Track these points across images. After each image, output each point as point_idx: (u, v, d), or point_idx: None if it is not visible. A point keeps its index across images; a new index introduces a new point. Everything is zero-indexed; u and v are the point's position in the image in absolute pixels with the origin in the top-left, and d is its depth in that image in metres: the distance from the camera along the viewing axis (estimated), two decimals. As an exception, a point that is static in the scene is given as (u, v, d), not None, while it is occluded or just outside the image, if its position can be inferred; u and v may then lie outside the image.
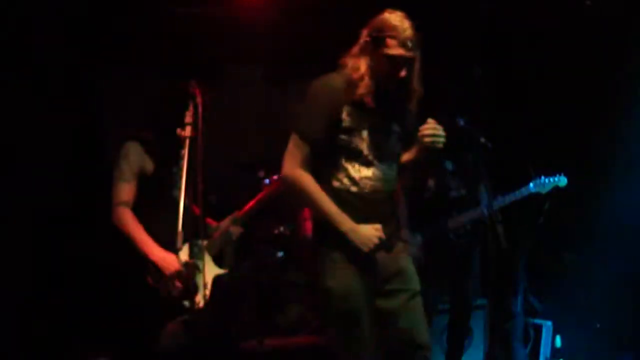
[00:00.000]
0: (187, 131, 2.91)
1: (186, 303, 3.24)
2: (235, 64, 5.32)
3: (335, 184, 2.83)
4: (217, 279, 3.52)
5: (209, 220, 3.71)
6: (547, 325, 4.76)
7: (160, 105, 3.42)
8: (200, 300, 3.32)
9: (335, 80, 2.84)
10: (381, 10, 2.83)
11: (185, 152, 2.87)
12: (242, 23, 4.87)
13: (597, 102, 4.79)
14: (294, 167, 2.81)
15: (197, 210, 2.94)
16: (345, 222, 2.77)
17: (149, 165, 3.39)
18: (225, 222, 3.71)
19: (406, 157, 2.99)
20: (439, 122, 2.80)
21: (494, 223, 3.23)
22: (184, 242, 2.87)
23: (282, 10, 4.84)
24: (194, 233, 2.98)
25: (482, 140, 3.82)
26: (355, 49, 2.85)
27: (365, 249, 2.76)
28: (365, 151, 2.82)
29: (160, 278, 3.27)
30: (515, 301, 4.72)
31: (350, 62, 2.84)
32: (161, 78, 4.03)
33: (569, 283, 4.83)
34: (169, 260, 3.25)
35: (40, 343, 4.27)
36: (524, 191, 4.34)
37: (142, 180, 3.38)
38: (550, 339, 4.73)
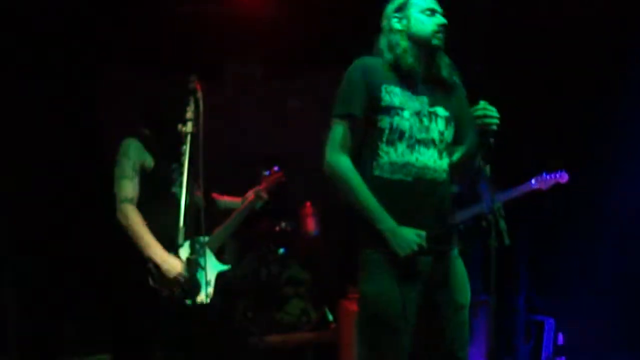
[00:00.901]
0: (188, 127, 2.89)
1: (188, 302, 3.22)
2: (236, 63, 5.32)
3: (377, 172, 2.64)
4: (220, 276, 3.50)
5: (233, 197, 3.75)
6: (550, 322, 4.74)
7: (160, 101, 3.41)
8: (203, 298, 3.30)
9: (371, 60, 2.75)
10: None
11: (186, 148, 2.85)
12: (243, 22, 4.87)
13: (600, 100, 4.78)
14: (333, 153, 2.67)
15: (199, 193, 2.92)
16: (384, 220, 2.58)
17: (149, 161, 3.37)
18: (250, 193, 3.72)
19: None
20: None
21: (497, 219, 3.21)
22: (185, 238, 2.86)
23: (282, 9, 4.84)
24: (195, 229, 2.95)
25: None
26: (383, 34, 2.78)
27: (402, 254, 2.55)
28: (408, 132, 2.65)
29: (162, 279, 3.25)
30: (518, 298, 4.72)
31: (384, 46, 2.75)
32: (161, 77, 4.02)
33: (572, 280, 4.82)
34: (171, 264, 3.22)
35: (40, 342, 4.27)
36: (525, 187, 4.32)
37: (143, 176, 3.36)
38: (552, 337, 4.72)
